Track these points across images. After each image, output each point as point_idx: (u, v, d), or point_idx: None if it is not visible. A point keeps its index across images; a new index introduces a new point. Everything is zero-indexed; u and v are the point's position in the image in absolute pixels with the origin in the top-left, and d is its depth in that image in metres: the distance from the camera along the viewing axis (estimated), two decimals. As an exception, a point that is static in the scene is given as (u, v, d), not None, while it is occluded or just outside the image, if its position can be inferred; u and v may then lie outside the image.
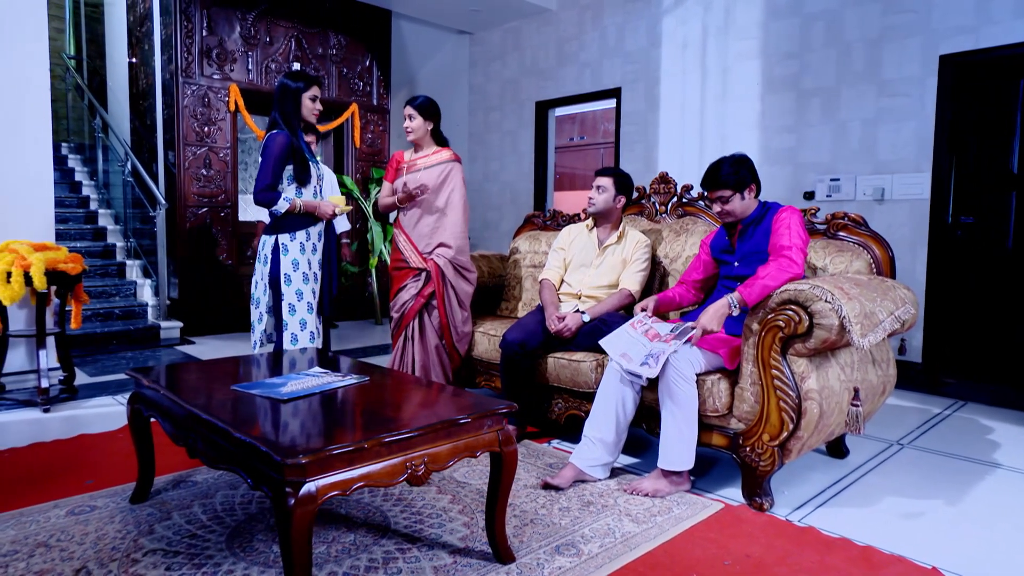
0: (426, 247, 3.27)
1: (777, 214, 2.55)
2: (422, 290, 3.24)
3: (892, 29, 4.35)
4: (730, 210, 2.58)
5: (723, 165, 2.56)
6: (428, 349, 3.27)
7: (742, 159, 2.57)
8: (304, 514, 1.47)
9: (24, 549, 1.97)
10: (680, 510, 2.30)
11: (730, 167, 2.54)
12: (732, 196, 2.55)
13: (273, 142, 2.90)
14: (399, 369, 3.28)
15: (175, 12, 5.29)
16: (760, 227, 2.58)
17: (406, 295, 3.29)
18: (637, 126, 5.73)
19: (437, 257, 3.25)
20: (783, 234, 2.46)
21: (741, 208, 2.58)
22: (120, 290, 5.37)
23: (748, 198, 2.57)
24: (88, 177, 6.75)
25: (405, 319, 3.28)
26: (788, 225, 2.48)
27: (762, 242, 2.55)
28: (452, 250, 3.26)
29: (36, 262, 3.30)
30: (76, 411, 3.42)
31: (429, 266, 3.25)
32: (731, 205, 2.56)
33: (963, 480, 2.66)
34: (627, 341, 2.51)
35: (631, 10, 5.72)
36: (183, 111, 5.37)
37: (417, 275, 3.27)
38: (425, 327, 3.27)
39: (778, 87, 4.88)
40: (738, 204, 2.57)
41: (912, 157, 4.30)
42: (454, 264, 3.26)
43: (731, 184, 2.53)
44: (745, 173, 2.54)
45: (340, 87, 6.24)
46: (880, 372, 2.62)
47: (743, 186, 2.54)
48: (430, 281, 3.24)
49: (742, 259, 2.61)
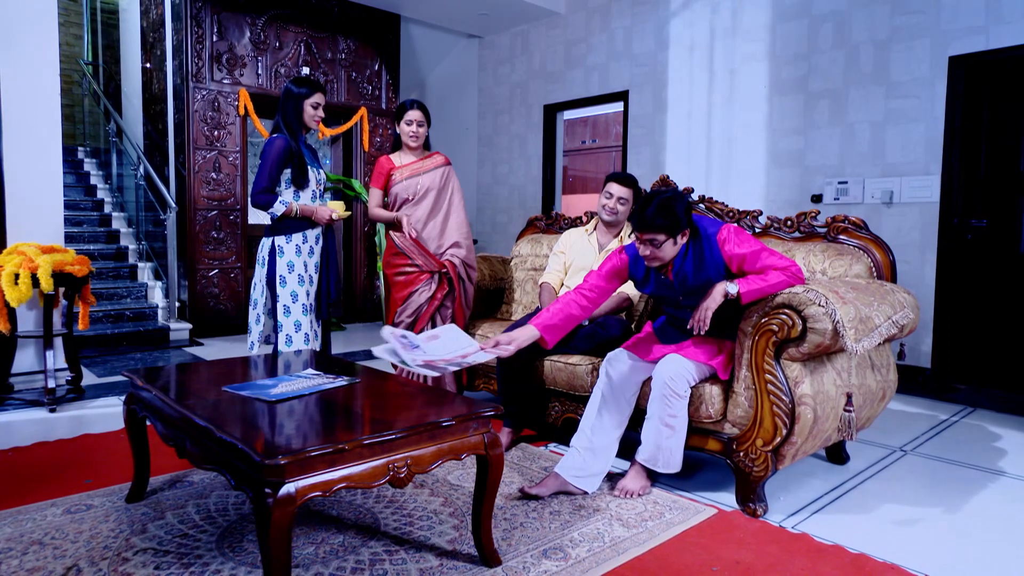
0: (437, 249, 3.28)
1: (718, 238, 2.31)
2: (435, 292, 3.25)
3: (901, 30, 4.30)
4: (661, 256, 2.29)
5: (654, 206, 2.24)
6: None
7: (676, 198, 2.27)
8: (283, 515, 1.48)
9: (19, 547, 2.00)
10: (672, 515, 2.29)
11: (663, 209, 2.23)
12: (664, 241, 2.26)
13: (271, 146, 2.93)
14: (411, 375, 3.27)
15: (186, 18, 5.37)
16: (704, 255, 2.32)
17: (420, 298, 3.26)
18: (644, 129, 5.71)
19: (452, 257, 3.27)
20: (756, 255, 2.25)
21: (671, 252, 2.31)
22: (131, 292, 5.44)
23: (680, 242, 2.30)
24: (103, 181, 6.87)
25: (418, 324, 3.27)
26: (749, 244, 2.28)
27: (710, 271, 2.31)
28: (464, 250, 3.31)
29: (43, 264, 3.36)
30: (82, 411, 3.47)
31: (447, 267, 3.25)
32: (662, 251, 2.28)
33: (965, 488, 2.62)
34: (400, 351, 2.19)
35: (639, 13, 5.71)
36: (193, 115, 5.44)
37: (429, 278, 3.27)
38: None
39: (786, 89, 4.84)
40: (670, 250, 2.29)
41: (921, 160, 4.25)
42: (466, 264, 3.31)
43: (665, 228, 2.23)
44: (680, 215, 2.24)
45: (349, 91, 6.28)
46: (879, 377, 2.59)
47: (677, 230, 2.25)
48: (443, 282, 3.25)
49: (688, 294, 2.38)
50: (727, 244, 2.30)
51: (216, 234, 5.59)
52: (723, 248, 2.30)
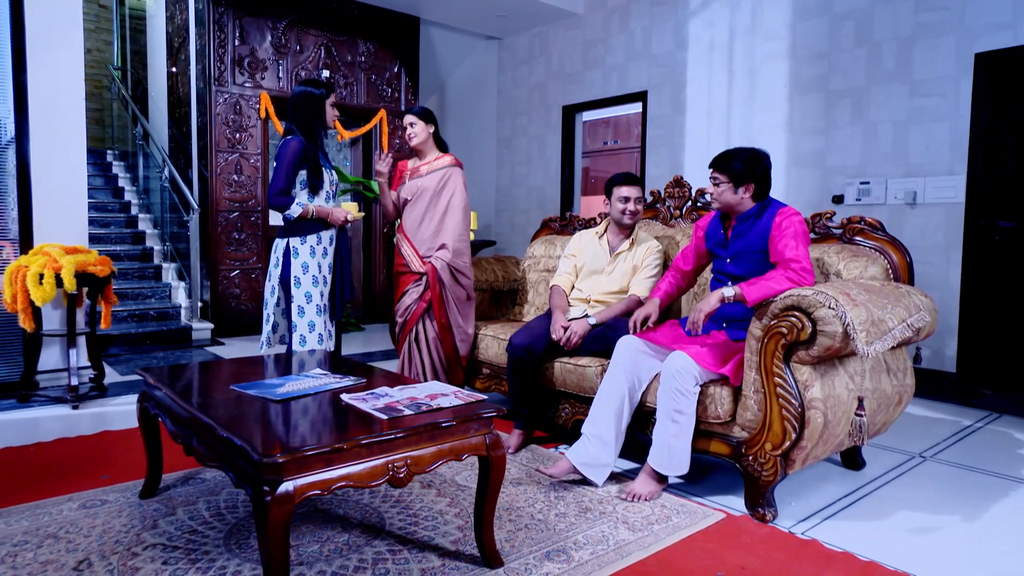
0: (427, 251, 3.30)
1: (777, 215, 2.45)
2: (423, 294, 3.27)
3: (924, 27, 4.20)
4: (716, 196, 2.52)
5: (733, 153, 2.49)
6: (433, 353, 3.30)
7: (757, 157, 2.48)
8: (280, 512, 1.50)
9: (34, 540, 2.06)
10: (679, 519, 2.26)
11: (734, 157, 2.47)
12: (724, 184, 2.48)
13: (287, 147, 2.95)
14: (408, 374, 3.30)
15: (209, 22, 5.46)
16: (757, 225, 2.49)
17: (408, 300, 3.32)
18: (663, 130, 5.67)
19: (435, 260, 3.27)
20: (789, 244, 2.36)
21: (731, 200, 2.49)
22: (156, 292, 5.55)
23: (742, 195, 2.48)
24: (130, 183, 7.02)
25: (408, 324, 3.32)
26: (794, 234, 2.37)
27: (756, 242, 2.48)
28: (450, 252, 3.27)
29: (67, 264, 3.44)
30: (103, 408, 3.55)
31: (426, 268, 3.27)
32: (720, 191, 2.50)
33: (985, 496, 2.55)
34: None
35: (658, 13, 5.67)
36: (215, 118, 5.53)
37: (418, 280, 3.30)
38: (429, 331, 3.30)
39: (806, 88, 4.76)
40: (728, 195, 2.49)
41: (946, 159, 4.15)
42: (451, 267, 3.27)
43: (729, 172, 2.46)
44: (750, 171, 2.45)
45: (368, 94, 6.34)
46: (896, 381, 2.53)
47: (740, 181, 2.46)
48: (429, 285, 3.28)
49: (734, 257, 2.54)
50: (777, 219, 2.42)
51: (237, 235, 5.68)
52: (773, 223, 2.43)
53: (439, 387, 2.10)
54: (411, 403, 1.90)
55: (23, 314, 3.48)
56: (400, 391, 2.03)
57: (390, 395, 1.98)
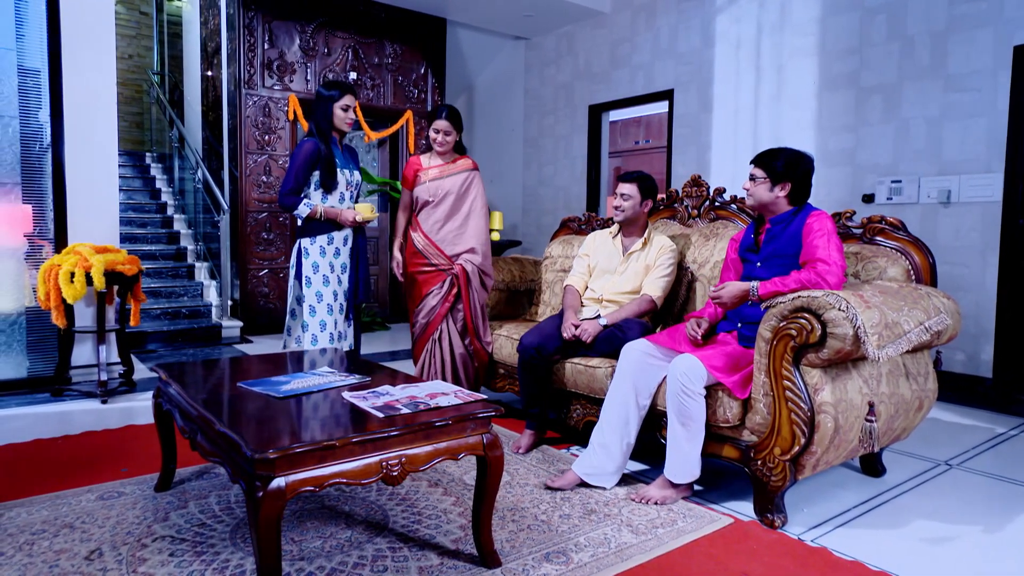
0: (451, 252, 3.32)
1: (808, 218, 2.40)
2: (447, 294, 3.29)
3: (960, 19, 4.06)
4: (751, 192, 2.50)
5: (776, 151, 2.48)
6: (456, 353, 3.32)
7: (800, 159, 2.45)
8: (272, 507, 1.52)
9: (52, 529, 2.13)
10: (685, 523, 2.23)
11: (775, 156, 2.46)
12: (761, 180, 2.46)
13: (300, 149, 3.01)
14: (427, 374, 3.32)
15: (239, 27, 5.59)
16: (788, 229, 2.44)
17: (433, 300, 3.33)
18: (690, 128, 5.59)
19: (465, 262, 3.30)
20: (819, 245, 2.31)
21: (765, 198, 2.46)
22: (188, 290, 5.70)
23: (777, 194, 2.45)
24: (167, 184, 7.22)
25: (432, 325, 3.33)
26: (827, 236, 2.32)
27: (788, 246, 2.42)
28: (479, 256, 3.32)
29: (96, 263, 3.56)
30: (130, 403, 3.65)
31: (456, 270, 3.29)
32: (754, 187, 2.48)
33: (1012, 506, 2.44)
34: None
35: (684, 10, 5.59)
36: (245, 121, 5.65)
37: (442, 282, 3.31)
38: (451, 331, 3.31)
39: (836, 85, 4.64)
40: (763, 192, 2.46)
41: (982, 156, 4.00)
42: (480, 270, 3.33)
43: (767, 168, 2.45)
44: (789, 170, 2.43)
45: (395, 95, 6.40)
46: (916, 386, 2.45)
47: (777, 179, 2.44)
48: (454, 285, 3.29)
49: (765, 261, 2.48)
50: (809, 220, 2.39)
51: (266, 235, 5.79)
52: (805, 225, 2.39)
53: (441, 386, 2.10)
54: (410, 402, 1.91)
55: (56, 311, 3.60)
56: (401, 390, 2.04)
57: (390, 393, 2.00)
